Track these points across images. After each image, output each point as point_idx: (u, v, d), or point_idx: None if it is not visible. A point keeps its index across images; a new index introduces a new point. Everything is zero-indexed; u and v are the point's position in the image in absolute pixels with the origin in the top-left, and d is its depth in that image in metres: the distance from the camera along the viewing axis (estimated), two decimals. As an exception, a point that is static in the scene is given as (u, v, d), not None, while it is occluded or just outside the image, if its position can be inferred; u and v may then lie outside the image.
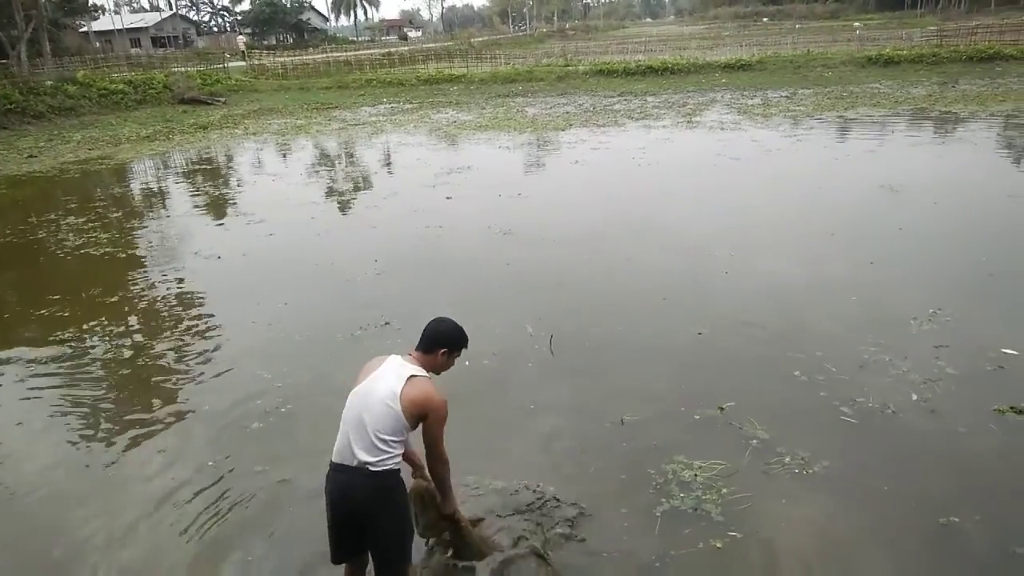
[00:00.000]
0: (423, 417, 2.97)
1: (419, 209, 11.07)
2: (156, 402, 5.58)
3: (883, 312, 6.44)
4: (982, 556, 3.64)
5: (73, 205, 12.81)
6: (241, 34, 61.71)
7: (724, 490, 4.14)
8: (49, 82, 26.83)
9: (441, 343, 3.10)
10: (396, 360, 3.06)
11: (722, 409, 4.98)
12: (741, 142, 15.15)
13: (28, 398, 5.73)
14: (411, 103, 26.45)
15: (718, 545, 3.74)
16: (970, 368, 5.39)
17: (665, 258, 8.29)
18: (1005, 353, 5.54)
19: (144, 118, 25.12)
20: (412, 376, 2.97)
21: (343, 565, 3.27)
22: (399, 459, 3.04)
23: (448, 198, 11.61)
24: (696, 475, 4.28)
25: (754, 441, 4.60)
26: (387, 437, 2.94)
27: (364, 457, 2.94)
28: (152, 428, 5.19)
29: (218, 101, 28.96)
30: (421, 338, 3.13)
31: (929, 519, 3.88)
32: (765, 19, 77.05)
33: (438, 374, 3.17)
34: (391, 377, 2.98)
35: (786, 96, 22.14)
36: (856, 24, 47.65)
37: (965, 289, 6.95)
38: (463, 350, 3.22)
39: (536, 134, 17.84)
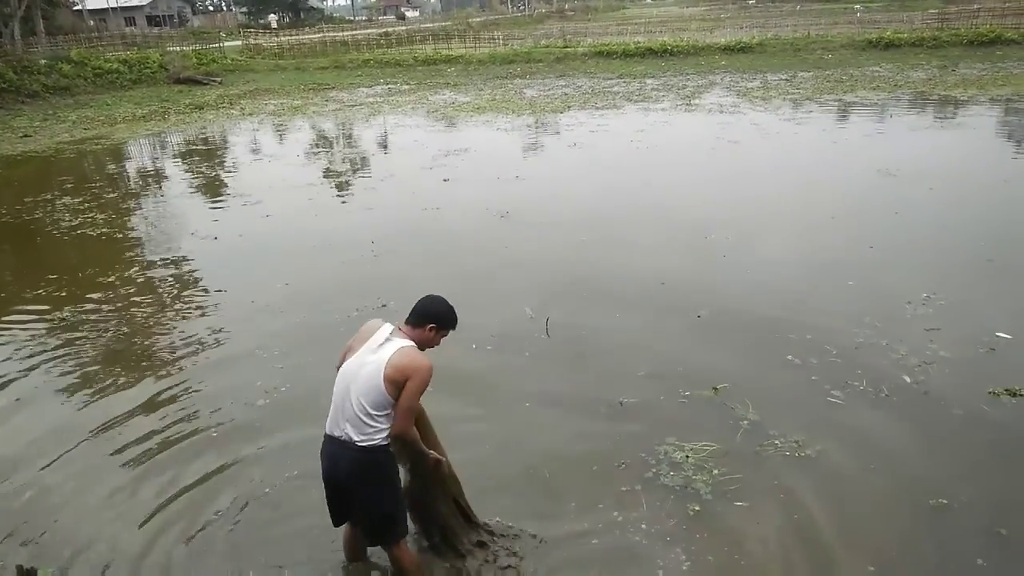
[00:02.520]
0: (405, 381, 2.96)
1: (416, 191, 11.04)
2: (155, 381, 5.60)
3: (879, 296, 6.47)
4: (971, 536, 3.69)
5: (69, 185, 12.76)
6: (272, 13, 62.44)
7: (715, 471, 4.19)
8: (43, 61, 26.59)
9: (430, 319, 3.13)
10: (385, 331, 3.09)
11: (716, 390, 5.02)
12: (740, 125, 15.11)
13: (26, 376, 5.75)
14: (408, 84, 26.28)
15: (695, 513, 3.79)
16: (964, 351, 5.43)
17: (663, 241, 8.30)
18: (999, 337, 5.58)
19: (139, 98, 24.94)
20: (400, 348, 3.02)
21: (344, 527, 3.43)
22: (387, 433, 3.06)
23: (445, 180, 11.58)
24: (688, 456, 4.33)
25: (744, 422, 4.65)
26: (373, 412, 2.99)
27: (351, 432, 3.02)
28: (152, 405, 5.22)
29: (214, 81, 28.73)
30: (412, 312, 3.16)
31: (920, 501, 3.93)
32: (752, 1, 74.77)
33: (422, 350, 3.16)
34: (380, 353, 3.02)
35: (785, 79, 22.04)
36: (857, 7, 47.30)
37: (960, 273, 6.98)
38: (451, 330, 3.24)
39: (534, 116, 17.75)
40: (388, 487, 3.17)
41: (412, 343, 3.07)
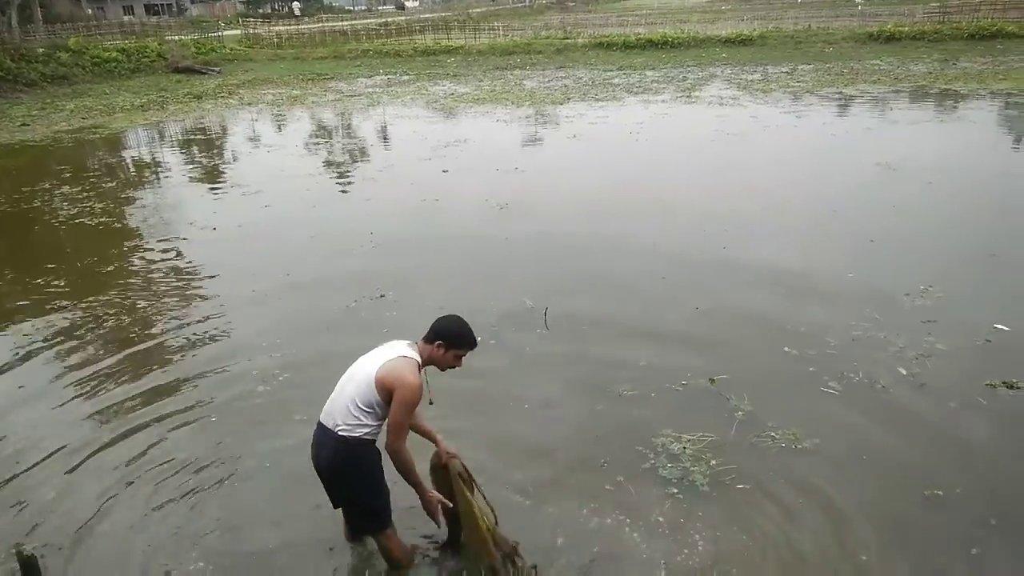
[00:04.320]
0: (391, 393, 3.00)
1: (415, 182, 11.03)
2: (156, 369, 5.61)
3: (878, 288, 6.48)
4: (964, 526, 3.72)
5: (67, 174, 12.73)
6: (295, 1, 62.29)
7: (713, 462, 4.21)
8: (41, 49, 26.44)
9: (439, 336, 3.14)
10: (402, 343, 3.15)
11: (713, 381, 5.04)
12: (740, 118, 15.08)
13: (26, 365, 5.77)
14: (408, 74, 26.18)
15: (692, 502, 3.82)
16: (961, 344, 5.45)
17: (663, 233, 8.29)
18: (997, 329, 5.60)
19: (138, 87, 24.83)
20: (401, 356, 3.05)
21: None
22: (373, 431, 3.11)
23: (444, 171, 11.57)
24: (685, 448, 4.35)
25: (740, 413, 4.68)
26: (362, 406, 3.05)
27: (337, 420, 3.08)
28: (152, 393, 5.24)
29: (212, 71, 28.60)
30: (428, 329, 3.20)
31: (915, 491, 3.95)
32: None
33: (442, 369, 3.22)
34: (383, 352, 3.10)
35: (786, 72, 21.98)
36: (858, 0, 47.11)
37: (958, 266, 6.99)
38: (468, 350, 3.20)
39: (534, 108, 17.71)
40: (366, 480, 3.19)
41: (415, 357, 3.08)
